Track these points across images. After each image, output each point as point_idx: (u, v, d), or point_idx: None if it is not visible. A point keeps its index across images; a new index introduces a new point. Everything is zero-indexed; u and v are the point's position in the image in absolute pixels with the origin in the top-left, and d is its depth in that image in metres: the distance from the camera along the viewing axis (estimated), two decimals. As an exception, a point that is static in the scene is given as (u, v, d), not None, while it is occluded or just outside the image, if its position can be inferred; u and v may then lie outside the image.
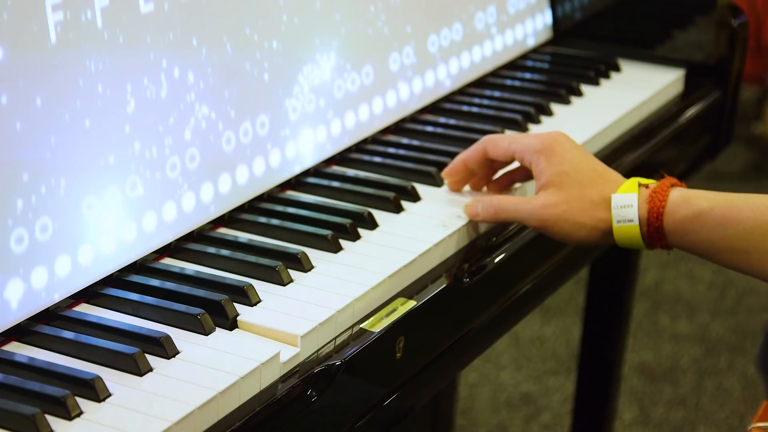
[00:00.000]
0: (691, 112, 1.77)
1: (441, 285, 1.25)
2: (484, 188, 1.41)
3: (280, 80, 1.36)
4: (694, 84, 1.82)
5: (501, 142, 1.34)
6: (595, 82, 1.76)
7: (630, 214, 1.25)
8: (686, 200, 1.25)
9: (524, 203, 1.29)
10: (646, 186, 1.27)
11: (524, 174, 1.39)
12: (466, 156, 1.38)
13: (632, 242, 1.27)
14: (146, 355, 1.06)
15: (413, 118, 1.61)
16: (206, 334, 1.11)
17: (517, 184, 1.41)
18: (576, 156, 1.30)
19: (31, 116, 1.08)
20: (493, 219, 1.32)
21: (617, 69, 1.82)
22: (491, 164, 1.38)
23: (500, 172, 1.41)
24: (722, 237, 1.23)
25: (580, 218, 1.27)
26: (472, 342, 1.33)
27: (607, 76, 1.79)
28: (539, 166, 1.30)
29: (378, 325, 1.16)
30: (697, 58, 1.82)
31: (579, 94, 1.72)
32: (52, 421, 0.98)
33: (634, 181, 1.28)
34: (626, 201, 1.26)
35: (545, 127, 1.62)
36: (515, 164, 1.39)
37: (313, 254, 1.25)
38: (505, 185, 1.41)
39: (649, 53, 1.85)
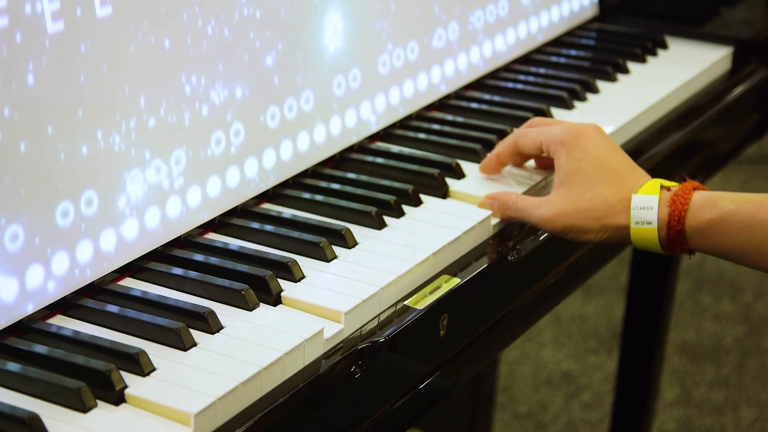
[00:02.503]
0: (739, 90, 1.75)
1: (485, 263, 1.25)
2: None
3: (328, 57, 1.36)
4: (742, 62, 1.79)
5: (530, 133, 1.33)
6: (641, 60, 1.75)
7: (649, 217, 1.23)
8: (710, 202, 1.21)
9: (536, 209, 1.27)
10: (668, 189, 1.24)
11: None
12: (499, 151, 1.37)
13: (648, 245, 1.24)
14: (190, 329, 1.06)
15: (458, 94, 1.60)
16: (250, 309, 1.11)
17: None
18: (600, 152, 1.27)
19: (76, 88, 1.08)
20: (509, 219, 1.30)
21: (664, 46, 1.80)
22: (523, 158, 1.38)
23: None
24: (750, 239, 1.19)
25: (589, 223, 1.24)
26: (514, 320, 1.33)
27: (653, 54, 1.77)
28: (560, 159, 1.28)
29: (422, 302, 1.16)
30: (746, 36, 1.80)
31: (625, 71, 1.70)
32: (97, 394, 0.98)
33: (657, 183, 1.24)
34: (646, 203, 1.23)
35: (591, 104, 1.60)
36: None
37: (357, 231, 1.25)
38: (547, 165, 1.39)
39: (696, 30, 1.83)
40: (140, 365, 1.01)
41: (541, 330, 2.92)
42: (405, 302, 1.16)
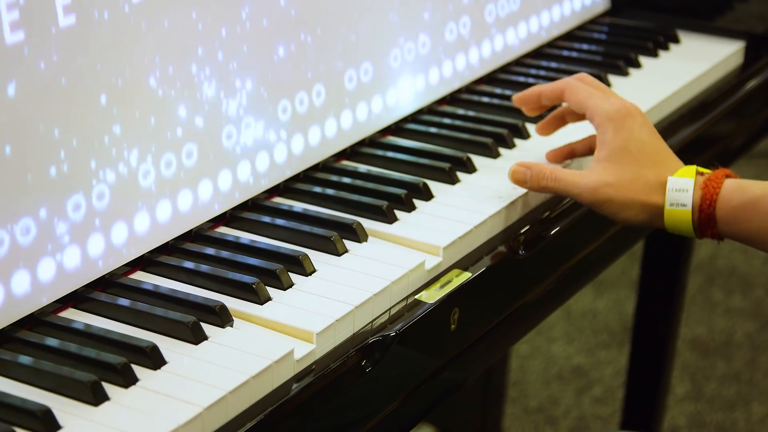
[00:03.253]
0: (751, 84, 1.75)
1: (496, 257, 1.25)
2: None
3: (339, 50, 1.36)
4: (754, 56, 1.79)
5: (580, 92, 1.32)
6: (653, 54, 1.74)
7: (684, 199, 1.24)
8: (740, 188, 1.23)
9: (580, 178, 1.27)
10: (701, 173, 1.25)
11: (586, 148, 1.38)
12: (543, 90, 1.37)
13: (682, 228, 1.25)
14: (201, 323, 1.06)
15: (469, 88, 1.60)
16: (261, 303, 1.11)
17: (567, 161, 1.39)
18: (643, 135, 1.28)
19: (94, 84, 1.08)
20: (542, 189, 1.30)
21: (676, 40, 1.80)
22: (558, 121, 1.38)
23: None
24: None
25: (631, 198, 1.25)
26: (525, 315, 1.33)
27: (665, 48, 1.77)
28: (605, 134, 1.28)
29: (433, 296, 1.16)
30: (758, 30, 1.80)
31: (637, 65, 1.70)
32: (108, 387, 0.98)
33: (693, 168, 1.26)
34: (682, 185, 1.24)
35: (602, 98, 1.60)
36: (573, 135, 1.37)
37: (369, 224, 1.25)
38: (562, 158, 1.39)
39: (708, 24, 1.83)
40: (151, 359, 1.01)
41: (552, 324, 2.92)
42: (416, 296, 1.16)
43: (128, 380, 0.99)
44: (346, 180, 1.34)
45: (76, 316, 1.09)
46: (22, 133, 1.03)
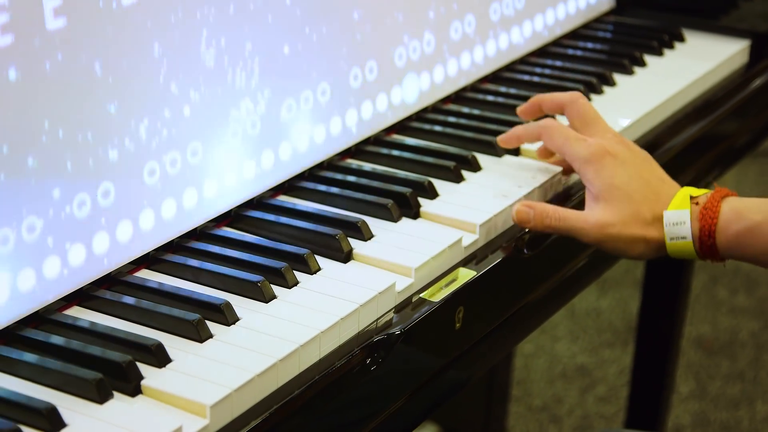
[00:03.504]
0: (756, 83, 1.75)
1: (501, 256, 1.25)
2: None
3: (344, 49, 1.36)
4: (759, 55, 1.79)
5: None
6: (658, 53, 1.74)
7: (683, 232, 1.23)
8: (738, 214, 1.22)
9: (584, 217, 1.26)
10: (696, 202, 1.24)
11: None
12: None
13: (686, 256, 1.25)
14: (206, 321, 1.06)
15: (474, 87, 1.60)
16: (266, 301, 1.11)
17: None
18: (628, 169, 1.26)
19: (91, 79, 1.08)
20: (546, 228, 1.27)
21: (681, 39, 1.80)
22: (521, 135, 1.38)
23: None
24: None
25: (633, 235, 1.24)
26: (530, 314, 1.33)
27: (670, 46, 1.77)
28: (587, 176, 1.27)
29: (438, 294, 1.16)
30: (763, 29, 1.80)
31: (642, 64, 1.70)
32: (114, 385, 0.98)
33: (686, 195, 1.25)
34: (678, 218, 1.23)
35: (607, 97, 1.60)
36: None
37: (373, 223, 1.25)
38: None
39: (713, 23, 1.83)
40: (157, 357, 1.01)
41: (556, 323, 2.92)
42: (421, 295, 1.16)
43: (133, 378, 0.99)
44: (351, 178, 1.34)
45: (82, 314, 1.09)
46: (25, 131, 1.03)
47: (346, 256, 1.19)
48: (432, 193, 1.32)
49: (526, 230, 1.29)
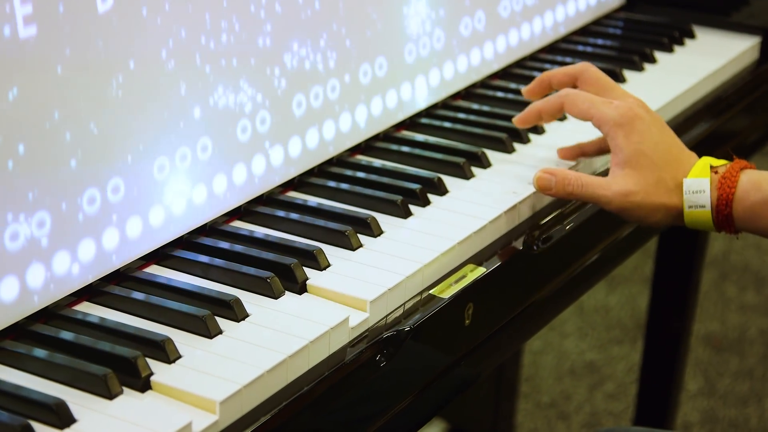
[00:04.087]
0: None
1: (510, 252, 1.24)
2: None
3: (354, 45, 1.35)
4: (770, 52, 1.79)
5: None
6: (668, 49, 1.74)
7: (702, 200, 1.23)
8: (756, 185, 1.22)
9: (607, 184, 1.26)
10: (716, 171, 1.24)
11: (596, 149, 1.37)
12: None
13: (702, 226, 1.25)
14: (216, 317, 1.06)
15: (484, 83, 1.59)
16: (275, 297, 1.11)
17: (578, 159, 1.39)
18: (654, 134, 1.26)
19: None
20: (568, 195, 1.28)
21: (691, 35, 1.79)
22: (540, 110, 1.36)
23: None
24: None
25: (655, 203, 1.25)
26: (539, 310, 1.33)
27: (681, 43, 1.76)
28: (616, 140, 1.26)
29: (447, 291, 1.16)
30: (774, 25, 1.79)
31: (652, 60, 1.70)
32: (123, 381, 0.98)
33: (706, 164, 1.25)
34: (698, 186, 1.24)
35: (617, 94, 1.59)
36: (583, 137, 1.37)
37: (383, 219, 1.25)
38: (573, 156, 1.38)
39: (724, 20, 1.82)
40: (166, 352, 1.01)
41: (564, 320, 2.92)
42: (430, 291, 1.16)
43: (142, 374, 0.99)
44: (361, 174, 1.34)
45: (91, 310, 1.09)
46: (36, 129, 1.03)
47: (356, 252, 1.19)
48: (442, 190, 1.32)
49: (536, 227, 1.29)
